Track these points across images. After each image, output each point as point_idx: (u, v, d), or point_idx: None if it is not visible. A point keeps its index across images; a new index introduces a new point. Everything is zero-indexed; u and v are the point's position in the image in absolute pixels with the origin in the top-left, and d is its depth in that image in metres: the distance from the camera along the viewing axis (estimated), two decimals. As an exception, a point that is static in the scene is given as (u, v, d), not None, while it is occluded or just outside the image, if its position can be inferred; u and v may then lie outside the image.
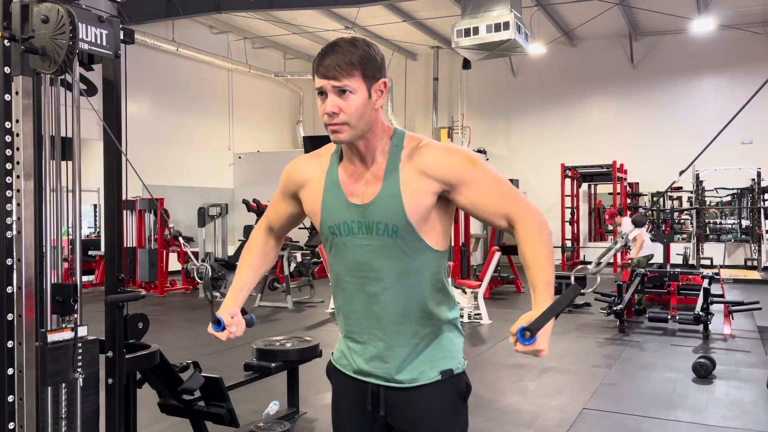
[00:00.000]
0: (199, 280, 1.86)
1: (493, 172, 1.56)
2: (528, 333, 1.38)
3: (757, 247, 13.37)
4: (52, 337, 2.22)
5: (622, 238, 8.27)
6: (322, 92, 1.51)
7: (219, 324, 1.71)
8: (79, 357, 2.26)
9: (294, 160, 1.75)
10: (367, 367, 1.63)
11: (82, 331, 2.30)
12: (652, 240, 8.98)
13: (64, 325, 2.31)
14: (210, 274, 1.84)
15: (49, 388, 2.25)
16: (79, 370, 2.25)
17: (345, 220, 1.59)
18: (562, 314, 7.18)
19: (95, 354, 2.33)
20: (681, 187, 14.59)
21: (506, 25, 9.70)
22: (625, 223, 8.60)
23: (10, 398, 2.22)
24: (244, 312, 1.76)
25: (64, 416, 2.27)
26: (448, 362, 1.62)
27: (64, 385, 2.27)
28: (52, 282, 2.33)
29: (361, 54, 1.49)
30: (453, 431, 1.64)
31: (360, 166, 1.59)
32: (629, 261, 8.32)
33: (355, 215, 1.57)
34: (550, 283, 1.48)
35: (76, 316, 2.30)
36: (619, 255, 9.13)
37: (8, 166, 2.22)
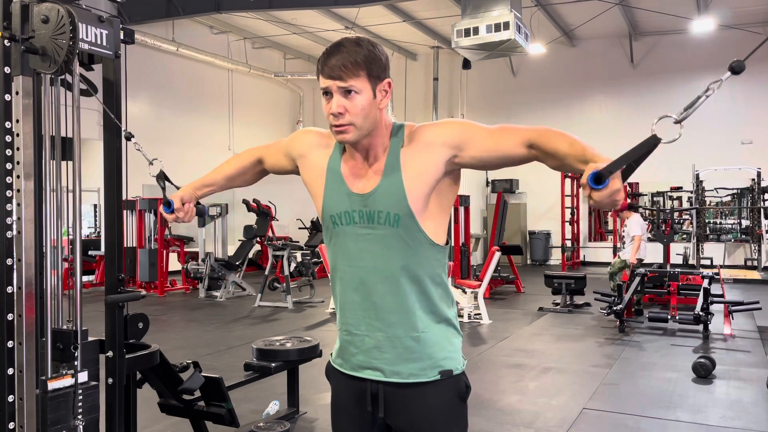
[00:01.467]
0: (153, 176, 1.84)
1: (488, 125, 1.60)
2: (601, 177, 1.26)
3: (757, 247, 13.37)
4: (52, 385, 2.21)
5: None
6: (327, 92, 1.51)
7: (169, 206, 1.79)
8: (80, 404, 2.25)
9: (308, 128, 1.79)
10: (365, 359, 1.63)
11: (83, 377, 2.29)
12: (650, 240, 8.95)
13: (64, 372, 2.29)
14: (162, 167, 1.87)
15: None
16: (79, 417, 2.24)
17: (346, 209, 1.60)
18: (562, 314, 7.09)
19: (95, 400, 2.32)
20: (681, 187, 14.60)
21: (506, 25, 9.70)
22: (632, 222, 8.50)
23: (10, 398, 2.22)
24: (198, 203, 1.86)
25: None
26: (448, 362, 1.62)
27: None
28: (52, 328, 2.32)
29: (366, 54, 1.49)
30: (452, 431, 1.64)
31: (362, 162, 1.60)
32: (624, 264, 8.23)
33: (356, 205, 1.58)
34: (598, 152, 1.43)
35: (76, 362, 2.28)
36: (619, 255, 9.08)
37: (8, 166, 2.22)
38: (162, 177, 2.04)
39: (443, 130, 1.58)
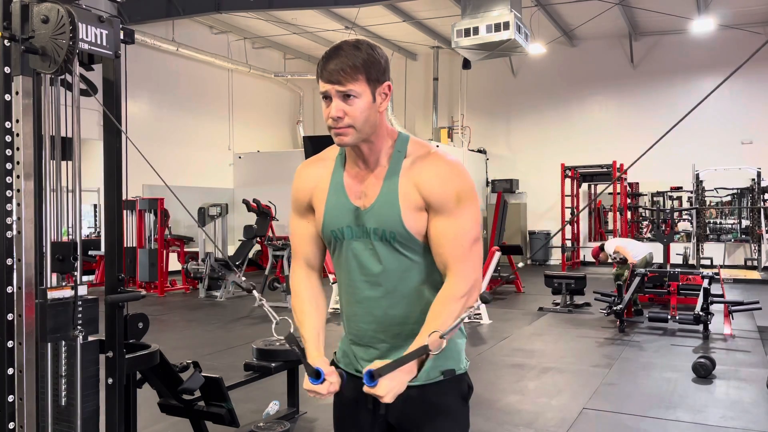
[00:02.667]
0: (278, 337, 1.67)
1: (470, 219, 1.53)
2: (373, 376, 1.44)
3: (757, 247, 13.37)
4: (52, 294, 2.23)
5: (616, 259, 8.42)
6: (326, 96, 1.50)
7: (318, 376, 1.52)
8: (79, 315, 2.27)
9: (297, 170, 1.71)
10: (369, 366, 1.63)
11: (82, 290, 2.31)
12: (651, 240, 8.96)
13: (63, 284, 2.31)
14: (294, 328, 1.63)
15: (49, 345, 2.26)
16: (79, 327, 2.26)
17: (347, 224, 1.59)
18: (562, 314, 7.11)
19: (95, 313, 2.34)
20: (681, 187, 14.59)
21: (506, 25, 9.70)
22: (606, 246, 8.69)
23: (10, 398, 2.22)
24: (334, 365, 1.65)
25: (63, 374, 2.28)
26: (450, 363, 1.63)
27: (63, 343, 2.28)
28: (52, 240, 2.34)
29: (365, 57, 1.49)
30: (454, 431, 1.64)
31: (364, 169, 1.60)
32: (628, 267, 8.27)
33: (355, 220, 1.58)
34: (424, 342, 1.44)
35: (76, 274, 2.30)
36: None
37: (8, 166, 2.22)
38: (294, 341, 1.63)
39: (434, 183, 1.53)
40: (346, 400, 1.71)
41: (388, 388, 1.43)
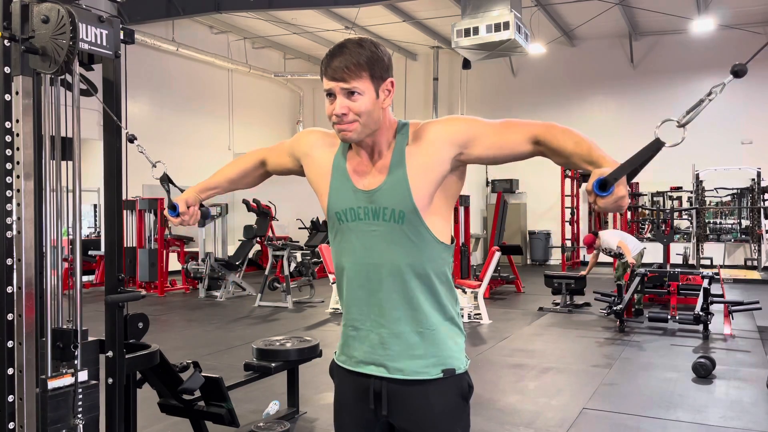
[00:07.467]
0: (156, 179, 1.81)
1: (491, 120, 1.62)
2: (606, 184, 1.26)
3: (757, 247, 13.37)
4: (52, 384, 2.21)
5: (611, 253, 8.59)
6: (330, 94, 1.52)
7: (174, 209, 1.83)
8: (80, 403, 2.25)
9: (311, 129, 1.79)
10: (369, 354, 1.63)
11: (83, 376, 2.28)
12: (651, 240, 9.00)
13: (64, 371, 2.29)
14: (165, 169, 1.89)
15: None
16: (79, 416, 2.25)
17: (352, 206, 1.61)
18: (562, 314, 7.07)
19: (95, 399, 2.32)
20: (681, 187, 14.59)
21: (506, 25, 9.70)
22: (606, 240, 8.73)
23: (10, 398, 2.22)
24: (201, 205, 1.90)
25: None
26: (451, 361, 1.62)
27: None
28: (52, 327, 2.31)
29: (368, 55, 1.50)
30: (455, 431, 1.64)
31: (367, 159, 1.62)
32: (629, 266, 8.33)
33: (362, 201, 1.59)
34: (604, 153, 1.45)
35: (76, 362, 2.28)
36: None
37: (8, 166, 2.22)
38: (166, 180, 2.03)
39: (448, 127, 1.59)
40: (347, 398, 1.71)
41: (625, 191, 1.30)
